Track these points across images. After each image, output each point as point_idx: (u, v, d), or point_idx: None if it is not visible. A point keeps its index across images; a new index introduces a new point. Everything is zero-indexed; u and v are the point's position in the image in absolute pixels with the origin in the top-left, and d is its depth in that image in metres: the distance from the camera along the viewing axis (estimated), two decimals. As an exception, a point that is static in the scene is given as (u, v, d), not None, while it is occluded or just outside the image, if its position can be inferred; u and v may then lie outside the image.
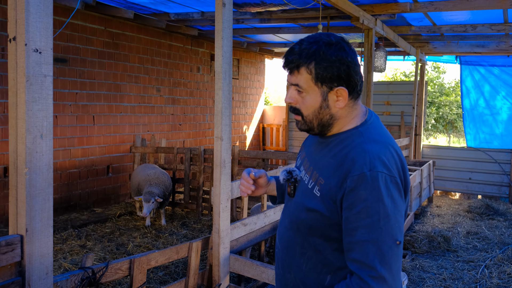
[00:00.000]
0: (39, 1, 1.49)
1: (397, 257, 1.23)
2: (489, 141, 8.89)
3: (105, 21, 6.52)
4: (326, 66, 1.28)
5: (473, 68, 8.94)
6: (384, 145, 1.29)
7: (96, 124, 6.53)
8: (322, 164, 1.36)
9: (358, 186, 1.22)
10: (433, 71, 18.16)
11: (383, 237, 1.21)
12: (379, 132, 1.35)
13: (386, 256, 1.21)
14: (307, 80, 1.31)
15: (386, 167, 1.24)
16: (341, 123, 1.37)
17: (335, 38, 1.32)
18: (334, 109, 1.34)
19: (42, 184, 1.55)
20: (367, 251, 1.21)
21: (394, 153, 1.29)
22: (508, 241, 5.64)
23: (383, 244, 1.21)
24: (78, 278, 1.81)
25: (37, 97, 1.51)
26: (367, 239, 1.21)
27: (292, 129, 10.58)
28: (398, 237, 1.23)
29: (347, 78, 1.30)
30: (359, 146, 1.28)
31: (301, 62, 1.30)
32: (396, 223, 1.23)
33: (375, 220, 1.21)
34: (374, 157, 1.24)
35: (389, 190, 1.22)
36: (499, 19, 5.86)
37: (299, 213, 1.39)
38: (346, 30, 6.69)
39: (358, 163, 1.24)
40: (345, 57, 1.29)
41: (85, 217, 6.01)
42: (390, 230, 1.21)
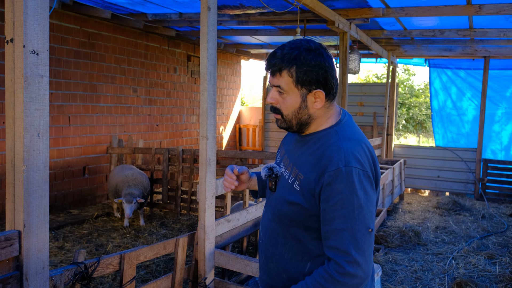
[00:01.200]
0: (37, 4, 1.55)
1: (369, 244, 1.37)
2: (456, 140, 9.29)
3: (81, 20, 6.47)
4: (306, 70, 1.40)
5: (441, 71, 9.32)
6: (357, 142, 1.42)
7: (72, 124, 6.47)
8: (301, 160, 1.48)
9: (334, 180, 1.34)
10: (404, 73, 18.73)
11: (357, 225, 1.33)
12: (352, 131, 1.48)
13: (360, 242, 1.34)
14: (288, 83, 1.43)
15: (359, 162, 1.36)
16: (317, 123, 1.50)
17: (315, 44, 1.45)
18: (312, 109, 1.46)
19: (39, 181, 1.60)
20: (343, 239, 1.33)
21: (366, 149, 1.42)
22: (473, 235, 5.95)
23: (357, 232, 1.33)
24: (72, 273, 1.86)
25: (34, 97, 1.56)
26: (343, 228, 1.33)
27: (268, 129, 10.72)
28: (370, 225, 1.36)
29: (324, 82, 1.43)
30: (335, 144, 1.40)
31: (283, 65, 1.41)
32: (368, 213, 1.36)
33: (350, 210, 1.33)
34: (348, 154, 1.36)
35: (362, 184, 1.35)
36: (464, 25, 6.17)
37: (281, 206, 1.50)
38: (322, 33, 6.88)
39: (334, 160, 1.36)
40: (323, 62, 1.42)
41: (62, 219, 5.95)
42: (363, 219, 1.34)
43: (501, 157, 8.88)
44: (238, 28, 7.31)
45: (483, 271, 4.58)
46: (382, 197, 6.42)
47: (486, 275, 4.48)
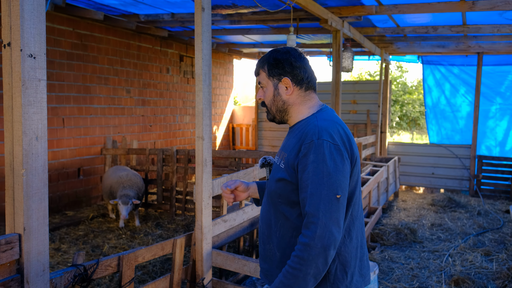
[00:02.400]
0: (33, 8, 1.55)
1: (337, 208, 1.51)
2: (450, 137, 9.35)
3: (73, 22, 6.44)
4: (273, 64, 1.72)
5: (434, 68, 9.38)
6: (331, 122, 1.63)
7: (66, 126, 6.44)
8: (287, 144, 1.70)
9: (308, 151, 1.54)
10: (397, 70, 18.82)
11: (325, 191, 1.50)
12: (330, 115, 1.70)
13: (327, 206, 1.49)
14: (264, 77, 1.75)
15: (331, 137, 1.56)
16: (296, 110, 1.74)
17: (285, 48, 1.75)
18: (284, 96, 1.72)
19: (38, 184, 1.60)
20: (313, 203, 1.50)
21: (340, 128, 1.62)
22: (469, 231, 6.00)
23: (325, 197, 1.49)
24: (71, 275, 1.86)
25: (32, 101, 1.56)
26: (313, 193, 1.51)
27: (261, 128, 10.74)
28: (339, 192, 1.51)
29: (290, 71, 1.70)
30: (312, 124, 1.63)
31: (260, 65, 1.77)
32: (337, 181, 1.52)
33: (319, 177, 1.51)
34: (321, 130, 1.57)
35: (332, 155, 1.53)
36: (458, 21, 6.22)
37: (271, 186, 1.71)
38: (315, 31, 6.90)
39: (309, 135, 1.57)
40: (288, 57, 1.71)
41: (57, 221, 5.92)
42: (331, 185, 1.50)
43: (495, 153, 8.95)
44: (231, 28, 7.31)
45: (480, 268, 4.61)
46: (377, 195, 6.46)
47: (483, 272, 4.51)
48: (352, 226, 1.66)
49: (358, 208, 1.69)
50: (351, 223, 1.66)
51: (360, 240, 1.71)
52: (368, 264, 1.77)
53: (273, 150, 10.50)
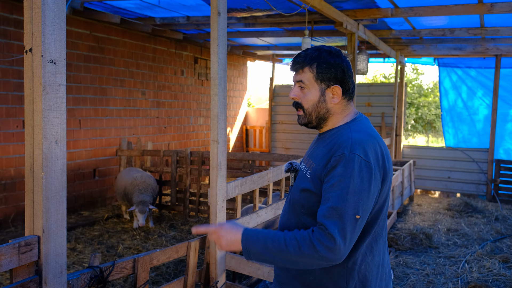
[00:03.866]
0: (54, 14, 1.58)
1: (353, 229, 1.45)
2: (467, 140, 9.20)
3: (91, 25, 6.54)
4: (325, 67, 1.59)
5: (450, 70, 9.25)
6: (367, 135, 1.54)
7: (82, 128, 6.54)
8: (316, 153, 1.62)
9: (337, 164, 1.48)
10: (412, 72, 18.62)
11: (346, 208, 1.43)
12: (366, 126, 1.61)
13: (345, 224, 1.43)
14: (309, 78, 1.61)
15: (363, 152, 1.47)
16: (334, 119, 1.64)
17: (334, 49, 1.64)
18: (329, 104, 1.62)
19: (57, 187, 1.63)
20: (331, 216, 1.44)
21: (376, 144, 1.53)
22: (486, 237, 5.89)
23: (345, 214, 1.43)
24: (88, 277, 1.89)
25: (52, 105, 1.59)
26: (334, 207, 1.44)
27: (275, 130, 10.73)
28: (359, 212, 1.45)
29: (341, 79, 1.60)
30: (345, 135, 1.54)
31: (305, 63, 1.61)
32: (360, 200, 1.45)
33: (343, 192, 1.44)
34: (355, 143, 1.49)
35: (361, 172, 1.45)
36: (475, 23, 6.13)
37: (294, 195, 1.64)
38: (329, 34, 6.87)
39: (341, 147, 1.50)
40: (341, 63, 1.60)
41: (73, 220, 6.01)
42: (353, 204, 1.44)
43: (514, 157, 8.78)
44: (245, 30, 7.33)
45: (497, 275, 4.52)
46: (392, 199, 6.39)
47: (501, 279, 4.42)
48: (374, 244, 1.60)
49: (383, 225, 1.62)
50: (374, 241, 1.60)
51: (383, 257, 1.65)
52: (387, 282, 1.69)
53: (286, 152, 10.48)
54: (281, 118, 10.66)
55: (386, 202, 1.60)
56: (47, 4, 1.56)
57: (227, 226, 1.57)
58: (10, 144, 5.57)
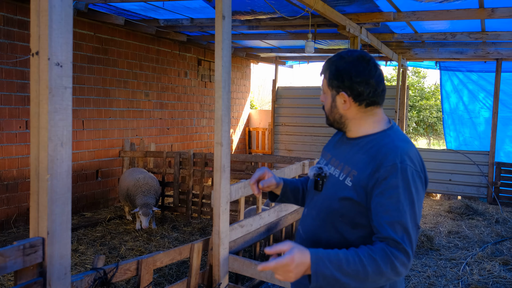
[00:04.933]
0: (61, 18, 1.60)
1: (416, 239, 1.47)
2: (469, 143, 9.21)
3: (95, 26, 6.57)
4: (333, 74, 1.59)
5: (452, 74, 9.26)
6: (410, 145, 1.56)
7: (85, 128, 6.56)
8: (354, 159, 1.57)
9: (390, 175, 1.45)
10: (414, 75, 18.62)
11: (409, 220, 1.44)
12: (404, 136, 1.62)
13: (411, 236, 1.44)
14: (324, 84, 1.66)
15: (412, 162, 1.49)
16: (357, 125, 1.62)
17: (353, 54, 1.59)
18: (342, 110, 1.62)
19: (62, 189, 1.64)
20: (396, 230, 1.43)
21: (417, 152, 1.55)
22: (487, 240, 5.89)
23: (408, 226, 1.44)
24: (91, 278, 1.90)
25: (58, 108, 1.61)
26: (397, 220, 1.43)
27: (277, 132, 10.74)
28: (418, 221, 1.49)
29: (349, 86, 1.57)
30: (390, 143, 1.53)
31: (323, 70, 1.66)
32: (418, 210, 1.48)
33: (404, 205, 1.44)
34: (404, 153, 1.49)
35: (415, 182, 1.47)
36: (476, 28, 6.14)
37: (330, 203, 1.59)
38: (332, 37, 6.89)
39: (390, 157, 1.48)
40: (349, 69, 1.56)
41: (75, 222, 6.03)
42: (413, 214, 1.46)
43: (514, 160, 8.79)
44: (248, 33, 7.35)
45: (498, 277, 4.53)
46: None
47: (502, 282, 4.43)
48: None
49: None
50: None
51: None
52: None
53: (289, 154, 10.49)
54: (283, 120, 10.67)
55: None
56: (54, 8, 1.58)
57: (297, 256, 1.39)
58: (13, 145, 5.60)
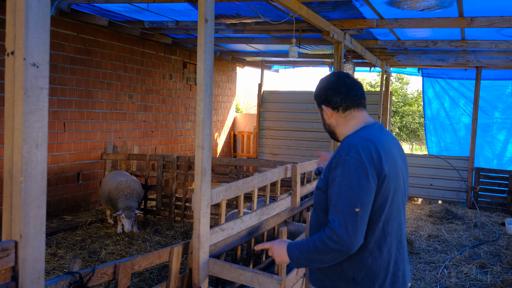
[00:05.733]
0: (38, 17, 1.57)
1: (354, 221, 1.66)
2: (449, 148, 9.37)
3: (78, 27, 6.50)
4: (316, 95, 1.98)
5: (434, 80, 9.43)
6: (364, 139, 1.75)
7: (66, 130, 6.47)
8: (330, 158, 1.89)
9: (337, 165, 1.73)
10: (397, 82, 18.87)
11: (345, 203, 1.67)
12: (369, 132, 1.82)
13: (345, 217, 1.66)
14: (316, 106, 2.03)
15: (358, 153, 1.70)
16: (341, 130, 1.93)
17: (324, 77, 1.98)
18: (328, 120, 1.96)
19: (37, 192, 1.61)
20: (333, 212, 1.70)
21: (372, 146, 1.73)
22: (465, 243, 6.00)
23: (344, 208, 1.67)
24: (66, 283, 1.87)
25: (33, 109, 1.58)
26: (335, 204, 1.70)
27: (262, 136, 10.76)
28: (357, 205, 1.66)
29: (325, 99, 1.93)
30: (348, 140, 1.80)
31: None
32: (357, 195, 1.67)
33: (342, 190, 1.69)
34: (352, 147, 1.73)
35: (356, 171, 1.68)
36: (457, 36, 6.26)
37: (314, 194, 1.94)
38: (317, 42, 6.94)
39: (341, 151, 1.76)
40: (324, 86, 1.94)
41: (55, 225, 5.93)
42: (350, 199, 1.67)
43: (493, 165, 8.97)
44: (234, 36, 7.36)
45: (474, 280, 4.62)
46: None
47: (478, 285, 4.51)
48: (383, 241, 1.77)
49: (393, 224, 1.79)
50: (382, 237, 1.77)
51: (395, 256, 1.81)
52: (405, 280, 1.86)
53: (273, 158, 10.51)
54: (269, 124, 10.70)
55: (389, 201, 1.74)
56: (30, 7, 1.56)
57: (276, 242, 1.95)
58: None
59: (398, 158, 1.84)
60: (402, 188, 1.83)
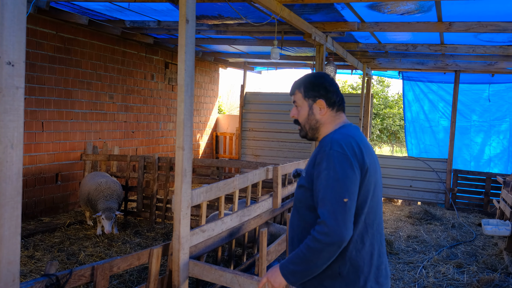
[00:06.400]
0: (14, 16, 1.55)
1: (343, 211, 1.68)
2: (429, 150, 9.55)
3: (57, 25, 6.39)
4: (310, 87, 1.95)
5: (414, 84, 9.60)
6: (345, 135, 1.82)
7: (45, 130, 6.35)
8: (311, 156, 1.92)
9: (321, 160, 1.76)
10: (378, 84, 19.13)
11: (332, 194, 1.70)
12: (348, 130, 1.89)
13: (334, 208, 1.68)
14: (300, 98, 1.97)
15: (341, 147, 1.75)
16: (325, 128, 1.94)
17: (319, 73, 2.02)
18: (318, 115, 1.94)
19: (12, 193, 1.58)
20: (322, 205, 1.71)
21: (353, 141, 1.79)
22: (443, 244, 6.12)
23: (332, 199, 1.69)
24: (43, 285, 1.84)
25: (8, 109, 1.55)
26: (323, 197, 1.72)
27: (245, 137, 10.76)
28: (345, 196, 1.69)
29: (324, 94, 1.93)
30: (330, 136, 1.84)
31: (296, 86, 1.99)
32: (344, 186, 1.70)
33: (328, 183, 1.71)
34: (334, 141, 1.78)
35: (341, 163, 1.72)
36: (436, 40, 6.40)
37: (296, 193, 1.95)
38: (299, 45, 6.99)
39: (324, 146, 1.79)
40: (322, 82, 1.95)
41: (32, 227, 5.81)
42: (338, 190, 1.70)
43: (470, 167, 9.18)
44: (217, 37, 7.35)
45: (451, 280, 4.71)
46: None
47: (455, 284, 4.61)
48: (365, 233, 1.80)
49: (374, 217, 1.83)
50: (364, 230, 1.79)
51: (378, 248, 1.84)
52: (387, 273, 1.89)
53: (256, 159, 10.52)
54: (251, 125, 10.71)
55: (372, 194, 1.79)
56: (6, 5, 1.53)
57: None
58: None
59: (375, 155, 1.92)
60: (380, 183, 1.91)
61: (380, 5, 4.59)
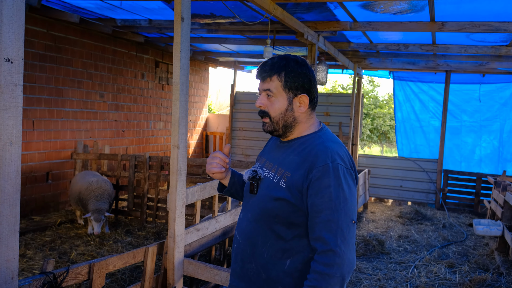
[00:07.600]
0: (12, 12, 1.54)
1: (352, 234, 1.50)
2: (419, 150, 9.64)
3: (48, 23, 6.32)
4: (293, 76, 1.59)
5: (404, 84, 9.68)
6: (339, 144, 1.61)
7: (35, 129, 6.28)
8: (287, 161, 1.60)
9: (322, 175, 1.49)
10: (369, 84, 19.27)
11: (343, 217, 1.47)
12: (333, 137, 1.67)
13: (345, 233, 1.47)
14: (277, 86, 1.60)
15: (343, 160, 1.54)
16: (300, 128, 1.65)
17: (300, 58, 1.65)
18: (297, 113, 1.63)
19: (11, 190, 1.58)
20: (330, 229, 1.46)
21: (346, 151, 1.61)
22: (434, 244, 6.19)
23: (343, 223, 1.47)
24: (40, 283, 1.83)
25: (7, 105, 1.55)
26: (330, 219, 1.46)
27: (235, 137, 10.76)
28: (354, 217, 1.51)
29: (308, 88, 1.62)
30: (321, 144, 1.57)
31: (273, 71, 1.59)
32: (352, 206, 1.51)
33: (336, 203, 1.47)
34: (334, 153, 1.54)
35: (347, 179, 1.52)
36: (428, 40, 6.47)
37: (265, 204, 1.59)
38: (291, 44, 7.02)
39: (321, 157, 1.52)
40: (307, 72, 1.62)
41: (23, 226, 5.75)
42: (348, 211, 1.49)
43: (461, 168, 9.28)
44: (208, 36, 7.34)
45: (443, 279, 4.77)
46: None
47: (447, 284, 4.67)
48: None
49: None
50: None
51: None
52: None
53: (246, 159, 10.53)
54: (241, 124, 10.71)
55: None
56: (5, 2, 1.53)
57: None
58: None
59: None
60: None
61: (373, 4, 4.63)
